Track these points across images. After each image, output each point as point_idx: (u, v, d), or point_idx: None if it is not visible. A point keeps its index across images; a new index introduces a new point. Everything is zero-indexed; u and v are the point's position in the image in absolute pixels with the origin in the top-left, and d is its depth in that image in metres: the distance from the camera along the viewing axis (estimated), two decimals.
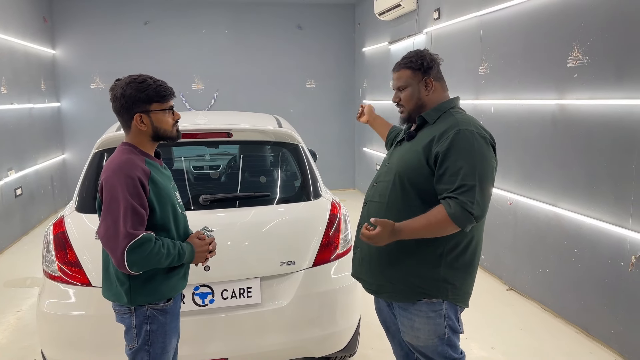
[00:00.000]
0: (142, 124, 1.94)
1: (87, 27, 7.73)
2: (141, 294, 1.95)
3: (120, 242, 1.79)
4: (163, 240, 1.91)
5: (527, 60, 4.00)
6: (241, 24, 8.22)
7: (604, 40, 3.24)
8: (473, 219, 1.84)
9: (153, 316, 2.00)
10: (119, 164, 1.87)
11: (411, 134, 2.07)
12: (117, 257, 1.80)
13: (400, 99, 2.12)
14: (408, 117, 2.13)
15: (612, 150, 3.22)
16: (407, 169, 1.99)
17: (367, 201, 2.17)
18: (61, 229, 2.60)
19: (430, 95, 2.07)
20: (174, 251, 1.93)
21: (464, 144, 1.87)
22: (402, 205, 2.00)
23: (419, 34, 5.98)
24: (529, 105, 4.01)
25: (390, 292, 2.06)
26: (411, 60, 2.07)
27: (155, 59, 7.91)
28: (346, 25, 8.61)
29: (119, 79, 1.98)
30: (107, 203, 1.84)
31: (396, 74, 2.13)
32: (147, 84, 1.92)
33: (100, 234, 1.85)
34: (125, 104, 1.92)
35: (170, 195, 2.01)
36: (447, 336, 2.03)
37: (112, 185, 1.83)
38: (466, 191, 1.83)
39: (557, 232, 3.75)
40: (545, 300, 3.95)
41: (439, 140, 1.92)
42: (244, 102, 8.19)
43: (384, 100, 7.33)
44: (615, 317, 3.24)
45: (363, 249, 2.13)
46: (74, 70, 7.76)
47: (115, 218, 1.80)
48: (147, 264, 1.86)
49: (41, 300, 2.57)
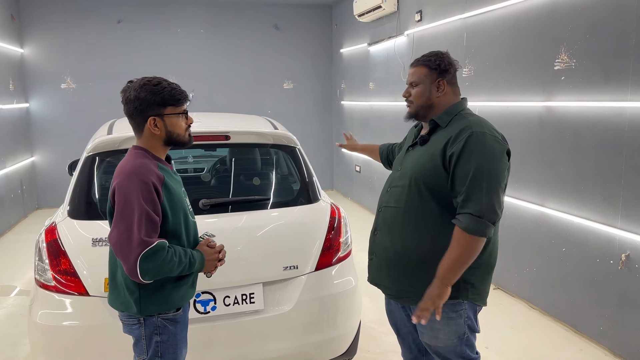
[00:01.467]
0: (155, 127, 1.88)
1: (58, 25, 7.47)
2: (151, 304, 1.89)
3: (133, 250, 1.73)
4: (175, 248, 1.86)
5: (514, 63, 4.06)
6: (217, 23, 8.11)
7: (591, 43, 3.32)
8: (488, 223, 1.86)
9: (163, 326, 1.94)
10: (133, 169, 1.80)
11: (424, 138, 2.07)
12: (129, 265, 1.74)
13: (411, 94, 2.12)
14: (415, 113, 2.13)
15: (600, 151, 3.30)
16: (422, 173, 1.99)
17: (382, 207, 2.16)
18: (54, 236, 2.49)
19: (441, 97, 2.08)
20: (185, 259, 1.88)
21: (475, 145, 1.89)
22: (419, 209, 2.00)
23: (400, 36, 6.02)
24: (515, 107, 4.07)
25: (411, 296, 2.05)
26: (429, 59, 2.08)
27: (129, 58, 7.72)
28: (323, 26, 8.60)
29: (132, 80, 1.91)
30: (120, 209, 1.77)
31: (412, 69, 2.13)
32: (162, 87, 1.86)
33: (112, 241, 1.79)
34: (139, 106, 1.85)
35: (182, 201, 1.96)
36: (466, 336, 2.04)
37: (126, 190, 1.77)
38: (472, 199, 1.85)
39: (545, 231, 3.83)
40: (532, 299, 4.02)
41: (453, 142, 1.93)
42: (221, 103, 8.08)
43: (363, 102, 7.35)
44: (605, 314, 3.33)
45: (380, 255, 2.12)
46: (44, 70, 7.50)
47: (129, 224, 1.74)
48: (159, 273, 1.80)
49: (33, 310, 2.46)
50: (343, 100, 8.22)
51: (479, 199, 1.85)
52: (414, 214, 2.01)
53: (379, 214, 2.18)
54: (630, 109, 3.07)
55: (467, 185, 1.86)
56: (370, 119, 7.18)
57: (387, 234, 2.09)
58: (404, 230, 2.03)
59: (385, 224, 2.11)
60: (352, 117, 7.89)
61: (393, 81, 6.32)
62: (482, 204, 1.85)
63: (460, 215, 1.88)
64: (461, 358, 2.07)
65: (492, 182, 1.87)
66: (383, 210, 2.15)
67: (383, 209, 2.15)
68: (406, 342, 2.30)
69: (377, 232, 2.16)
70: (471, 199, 1.86)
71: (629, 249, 3.13)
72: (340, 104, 8.35)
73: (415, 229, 2.01)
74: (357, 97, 7.62)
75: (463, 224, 1.86)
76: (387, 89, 6.53)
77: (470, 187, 1.86)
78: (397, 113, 6.25)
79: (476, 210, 1.84)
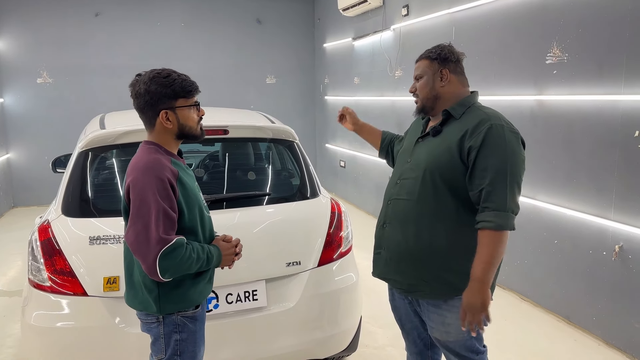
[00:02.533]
0: (167, 121, 1.82)
1: (34, 18, 7.22)
2: (171, 302, 1.84)
3: (152, 248, 1.67)
4: (193, 245, 1.81)
5: (504, 57, 4.09)
6: (198, 17, 7.96)
7: (584, 37, 3.36)
8: (513, 215, 1.86)
9: (183, 324, 1.89)
10: (147, 165, 1.74)
11: (437, 129, 2.04)
12: (148, 264, 1.69)
13: (416, 88, 2.11)
14: (422, 106, 2.11)
15: (593, 144, 3.35)
16: (438, 165, 1.97)
17: (391, 199, 2.12)
18: (48, 235, 2.40)
19: (446, 87, 2.06)
20: (203, 255, 1.83)
21: (495, 139, 1.88)
22: (433, 202, 1.98)
23: (386, 30, 6.00)
24: (506, 101, 4.10)
25: (423, 290, 2.03)
26: (430, 51, 2.08)
27: (108, 52, 7.51)
28: (306, 21, 8.54)
29: (140, 74, 1.85)
30: (136, 207, 1.71)
31: (416, 65, 2.13)
32: (172, 79, 1.80)
33: (129, 240, 1.73)
34: (150, 100, 1.79)
35: (197, 196, 1.91)
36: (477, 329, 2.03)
37: (141, 187, 1.71)
38: (495, 194, 1.84)
39: (536, 224, 3.87)
40: (524, 291, 4.06)
41: (472, 135, 1.91)
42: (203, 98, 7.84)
43: (347, 97, 7.33)
44: (598, 304, 3.38)
45: (390, 249, 2.08)
46: (19, 64, 7.25)
47: (147, 222, 1.68)
48: (179, 270, 1.75)
49: (27, 312, 2.37)
50: (327, 95, 8.19)
51: (503, 194, 1.84)
52: (427, 207, 1.98)
53: (387, 206, 2.14)
54: (623, 102, 3.11)
55: (490, 179, 1.85)
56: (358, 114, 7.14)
57: (399, 227, 2.06)
58: (416, 223, 2.00)
59: (396, 217, 2.07)
60: (336, 112, 7.84)
61: (379, 76, 6.31)
62: (507, 199, 1.84)
63: (485, 213, 1.86)
64: (470, 352, 2.07)
65: (515, 175, 1.87)
66: (393, 203, 2.11)
67: (393, 201, 2.11)
68: (411, 336, 2.28)
69: (386, 226, 2.12)
70: (494, 193, 1.84)
71: (622, 240, 3.18)
72: (324, 99, 8.31)
73: (428, 222, 1.98)
74: (342, 92, 7.59)
75: (491, 223, 1.83)
76: (373, 84, 6.52)
77: (494, 181, 1.84)
78: (384, 108, 6.24)
79: (501, 206, 1.83)
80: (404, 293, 2.14)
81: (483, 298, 1.84)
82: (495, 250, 1.84)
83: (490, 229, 1.84)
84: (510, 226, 1.85)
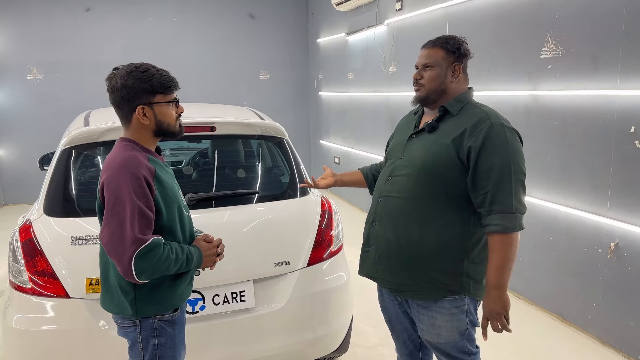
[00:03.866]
0: (144, 117, 1.75)
1: (23, 13, 7.12)
2: (148, 304, 1.78)
3: (127, 248, 1.60)
4: (171, 245, 1.74)
5: (499, 51, 4.03)
6: (190, 12, 7.87)
7: (579, 31, 3.30)
8: (520, 215, 1.82)
9: (161, 328, 1.82)
10: (123, 162, 1.68)
11: (433, 125, 1.97)
12: (124, 265, 1.62)
13: (422, 76, 1.99)
14: (426, 97, 1.99)
15: (588, 140, 3.29)
16: (434, 162, 1.90)
17: (381, 196, 2.05)
18: (29, 235, 2.33)
19: (454, 83, 1.99)
20: (183, 256, 1.76)
21: (496, 139, 1.83)
22: (426, 199, 1.92)
23: (379, 25, 5.93)
24: (500, 96, 4.04)
25: (412, 290, 1.98)
26: (448, 42, 1.97)
27: (98, 48, 7.42)
28: (299, 15, 8.45)
29: (117, 67, 1.78)
30: (110, 205, 1.64)
31: (427, 51, 1.99)
32: (151, 74, 1.73)
33: (103, 240, 1.66)
34: (127, 95, 1.72)
35: (176, 195, 1.84)
36: (468, 331, 1.99)
37: (116, 185, 1.64)
38: (501, 195, 1.80)
39: (531, 221, 3.81)
40: (518, 289, 4.02)
41: (471, 134, 1.85)
42: (195, 94, 7.83)
43: (341, 93, 7.26)
44: (593, 302, 3.34)
45: (380, 247, 2.02)
46: (8, 60, 7.15)
47: (122, 221, 1.62)
48: (156, 272, 1.68)
49: (8, 314, 2.30)
50: (321, 91, 8.11)
51: (508, 195, 1.80)
52: (420, 205, 1.93)
53: (377, 204, 2.07)
54: (619, 97, 3.06)
55: (494, 181, 1.80)
56: (348, 109, 7.09)
57: (389, 225, 2.00)
58: (408, 221, 1.94)
59: (387, 215, 2.01)
60: (330, 108, 7.80)
61: (373, 71, 6.24)
62: (513, 199, 1.80)
63: (492, 217, 1.82)
64: (462, 352, 2.02)
65: (519, 174, 1.83)
66: (383, 200, 2.04)
67: (383, 198, 2.05)
68: (401, 338, 2.23)
69: (375, 223, 2.06)
70: (500, 194, 1.80)
71: (617, 238, 3.13)
72: (318, 94, 8.23)
73: (420, 220, 1.93)
74: (335, 88, 7.52)
75: (499, 226, 1.79)
76: (367, 80, 6.45)
77: (498, 182, 1.80)
78: (377, 104, 6.18)
79: (508, 207, 1.80)
80: (393, 293, 2.08)
81: (503, 303, 1.85)
82: (507, 254, 1.81)
83: (499, 232, 1.80)
84: (518, 227, 1.81)
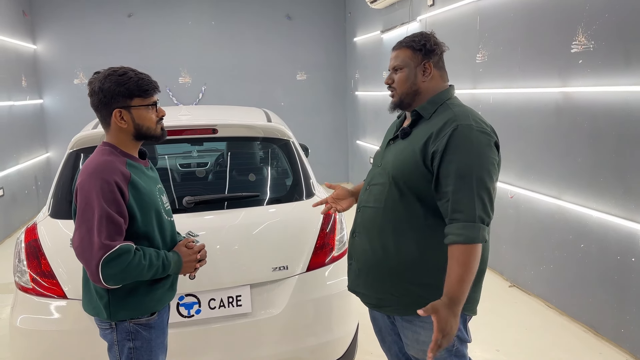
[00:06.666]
0: (122, 120, 1.76)
1: (69, 21, 7.44)
2: (122, 308, 1.78)
3: (95, 254, 1.62)
4: (145, 251, 1.73)
5: (528, 46, 3.81)
6: (228, 15, 7.97)
7: (610, 23, 3.06)
8: (484, 226, 1.66)
9: (136, 332, 1.82)
10: (96, 167, 1.69)
11: (405, 130, 1.86)
12: (91, 270, 1.63)
13: (394, 80, 1.89)
14: (399, 102, 1.89)
15: (620, 139, 3.05)
16: (403, 170, 1.80)
17: (360, 207, 1.97)
18: (34, 236, 2.40)
19: (427, 82, 1.86)
20: (158, 262, 1.75)
21: (460, 141, 1.68)
22: (401, 210, 1.81)
23: (412, 22, 5.78)
24: (530, 94, 3.83)
25: (393, 305, 1.87)
26: (413, 40, 1.86)
27: (140, 52, 7.65)
28: (337, 15, 8.38)
29: (98, 71, 1.79)
30: (81, 210, 1.67)
31: (395, 53, 1.90)
32: (128, 77, 1.73)
33: (74, 245, 1.68)
34: (104, 98, 1.73)
35: (155, 200, 1.83)
36: (456, 348, 1.85)
37: (87, 190, 1.66)
38: (462, 203, 1.65)
39: (562, 226, 3.59)
40: (549, 297, 3.79)
41: (436, 138, 1.72)
42: (232, 96, 7.96)
43: (377, 92, 7.13)
44: (626, 315, 3.09)
45: (359, 259, 1.93)
46: (57, 66, 7.49)
47: (90, 227, 1.63)
48: (126, 277, 1.68)
49: (14, 314, 2.38)
50: (357, 91, 8.01)
51: (470, 202, 1.64)
52: (395, 215, 1.82)
53: (357, 214, 1.99)
54: None
55: (455, 185, 1.65)
56: (383, 109, 6.95)
57: (366, 237, 1.90)
58: (384, 233, 1.84)
59: (365, 226, 1.92)
60: (366, 107, 7.68)
61: None
62: (475, 207, 1.64)
63: (452, 226, 1.66)
64: None
65: (483, 180, 1.66)
66: (362, 211, 1.95)
67: (362, 209, 1.95)
68: (392, 350, 2.12)
69: (355, 235, 1.97)
70: (461, 202, 1.64)
71: None
72: (355, 94, 8.14)
73: (396, 231, 1.82)
74: (371, 87, 7.40)
75: (461, 237, 1.63)
76: None
77: (459, 188, 1.65)
78: None
79: (470, 216, 1.63)
80: (374, 308, 1.98)
81: (455, 320, 1.62)
82: (466, 266, 1.63)
83: (458, 243, 1.64)
84: (480, 238, 1.64)
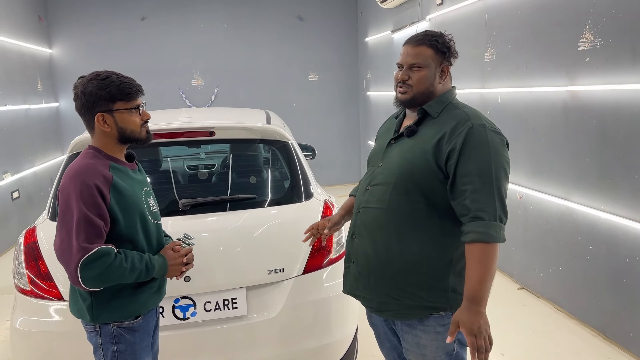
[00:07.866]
0: (105, 124, 1.77)
1: (84, 25, 7.55)
2: (105, 311, 1.79)
3: (73, 257, 1.63)
4: (127, 254, 1.73)
5: (536, 44, 3.74)
6: (240, 17, 8.00)
7: (617, 20, 2.99)
8: (503, 225, 1.64)
9: (120, 335, 1.83)
10: (77, 170, 1.71)
11: (412, 128, 1.82)
12: (70, 272, 1.65)
13: (410, 77, 1.81)
14: (412, 99, 1.82)
15: (629, 139, 2.97)
16: (412, 169, 1.76)
17: (360, 208, 1.92)
18: (33, 238, 2.43)
19: (441, 85, 1.83)
20: (141, 265, 1.75)
21: (477, 141, 1.66)
22: (405, 210, 1.77)
23: (422, 21, 5.73)
24: (538, 92, 3.76)
25: (395, 309, 1.84)
26: (436, 40, 1.79)
27: (154, 55, 7.72)
28: (348, 15, 8.35)
29: (83, 76, 1.81)
30: (61, 213, 1.69)
31: (415, 50, 1.80)
32: (110, 81, 1.75)
33: (55, 247, 1.70)
34: (87, 102, 1.75)
35: (139, 203, 1.83)
36: (456, 351, 1.82)
37: (67, 193, 1.68)
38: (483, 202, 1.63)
39: (570, 227, 3.51)
40: (558, 300, 3.71)
41: (450, 137, 1.69)
42: (245, 98, 7.99)
43: (389, 92, 7.08)
44: (636, 319, 3.01)
45: (359, 262, 1.90)
46: (72, 69, 7.59)
47: (69, 230, 1.65)
48: (106, 280, 1.69)
49: (14, 316, 2.41)
50: (369, 91, 7.97)
51: (491, 201, 1.63)
52: (399, 216, 1.78)
53: (357, 215, 1.94)
54: None
55: (475, 185, 1.63)
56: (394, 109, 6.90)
57: (368, 238, 1.87)
58: (387, 234, 1.80)
59: (366, 228, 1.88)
60: (378, 108, 7.64)
61: None
62: (495, 206, 1.63)
63: (473, 224, 1.63)
64: None
65: (500, 179, 1.65)
66: (362, 212, 1.91)
67: (362, 210, 1.91)
68: (391, 356, 2.09)
69: (355, 237, 1.93)
70: (482, 200, 1.63)
71: None
72: (367, 94, 8.10)
73: (400, 232, 1.78)
74: (383, 87, 7.36)
75: (482, 235, 1.61)
76: None
77: (479, 187, 1.63)
78: None
79: (492, 215, 1.62)
80: (375, 312, 1.95)
81: (486, 320, 1.61)
82: (487, 265, 1.61)
83: (480, 241, 1.61)
84: (502, 238, 1.63)
